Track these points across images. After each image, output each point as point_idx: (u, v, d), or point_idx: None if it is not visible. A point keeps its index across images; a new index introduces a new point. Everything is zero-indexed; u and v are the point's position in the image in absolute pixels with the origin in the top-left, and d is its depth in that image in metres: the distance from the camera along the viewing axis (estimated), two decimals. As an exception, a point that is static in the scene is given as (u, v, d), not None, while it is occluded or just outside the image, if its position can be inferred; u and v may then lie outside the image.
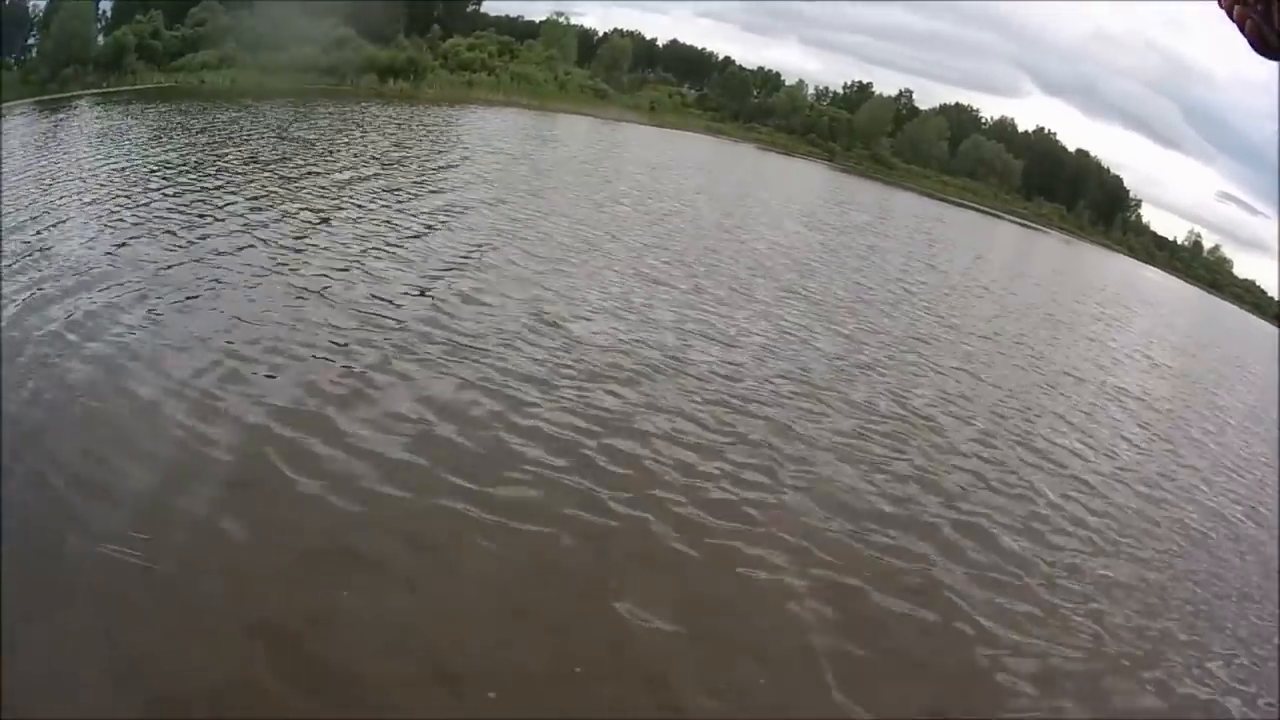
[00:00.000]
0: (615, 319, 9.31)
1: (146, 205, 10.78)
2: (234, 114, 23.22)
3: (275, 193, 12.48)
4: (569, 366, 7.51)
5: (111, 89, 31.53)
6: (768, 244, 16.78)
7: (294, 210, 11.58)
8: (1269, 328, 57.68)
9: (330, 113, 26.68)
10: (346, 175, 14.79)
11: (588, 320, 9.01)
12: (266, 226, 10.41)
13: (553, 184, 18.46)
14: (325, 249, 9.79)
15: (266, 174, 13.86)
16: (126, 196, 11.21)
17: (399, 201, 13.19)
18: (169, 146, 16.21)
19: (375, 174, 15.32)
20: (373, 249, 10.11)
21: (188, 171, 13.29)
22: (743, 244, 16.06)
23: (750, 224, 18.99)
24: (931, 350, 11.84)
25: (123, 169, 13.26)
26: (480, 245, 11.27)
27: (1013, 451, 8.38)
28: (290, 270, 8.76)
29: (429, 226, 11.88)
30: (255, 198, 11.99)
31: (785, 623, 4.75)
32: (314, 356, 6.67)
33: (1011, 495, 7.22)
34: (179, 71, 36.11)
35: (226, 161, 14.64)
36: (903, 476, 6.98)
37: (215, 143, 17.12)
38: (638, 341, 8.64)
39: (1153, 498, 8.39)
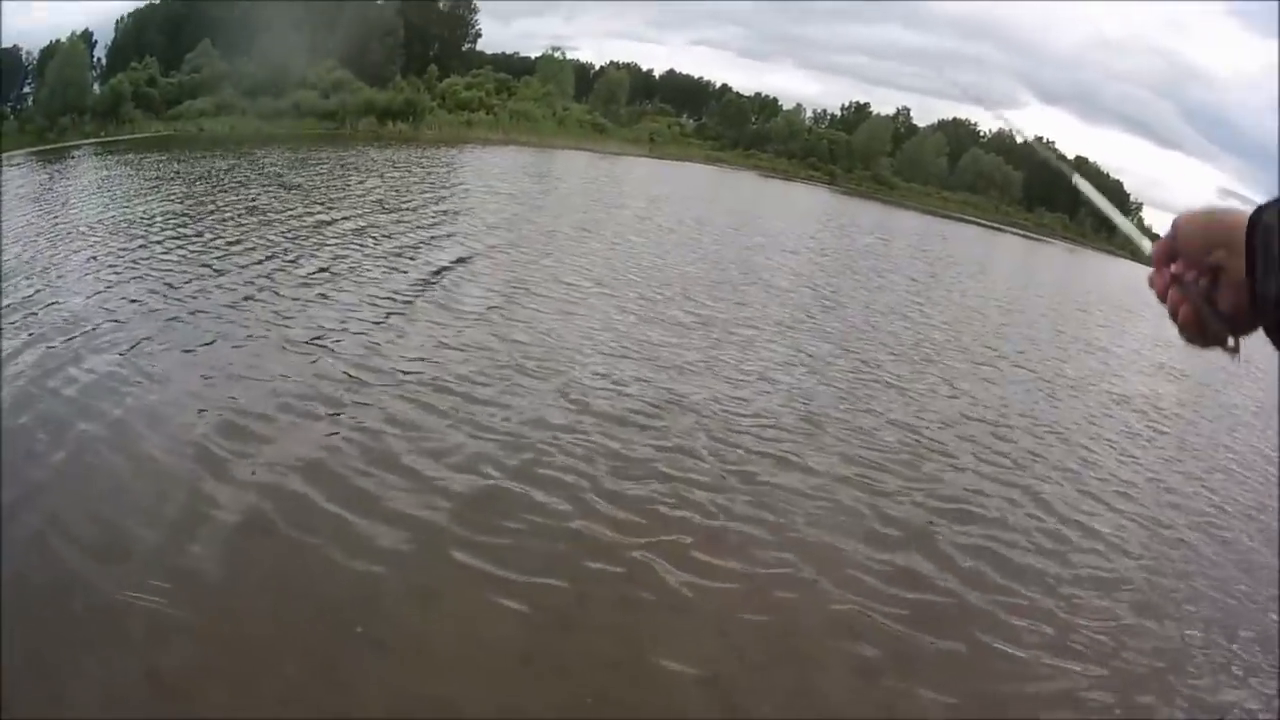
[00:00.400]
0: (619, 357, 9.20)
1: (144, 257, 10.77)
2: (232, 162, 23.23)
3: (272, 242, 12.45)
4: (572, 410, 7.35)
5: (110, 138, 31.58)
6: (769, 271, 16.77)
7: (291, 259, 11.51)
8: None
9: (328, 158, 26.39)
10: (344, 222, 14.77)
11: (591, 361, 8.88)
12: (263, 277, 10.34)
13: (551, 223, 18.42)
14: (322, 299, 9.72)
15: (263, 223, 13.88)
16: (123, 249, 11.22)
17: (395, 247, 13.22)
18: (167, 196, 16.30)
19: (372, 220, 15.33)
20: (369, 296, 10.08)
21: (185, 222, 13.38)
22: (743, 274, 16.01)
23: (751, 253, 18.86)
24: (936, 372, 11.73)
25: (119, 220, 13.31)
26: (479, 289, 11.29)
27: (1022, 471, 8.24)
28: (286, 321, 8.69)
29: (425, 272, 11.83)
30: (252, 248, 11.94)
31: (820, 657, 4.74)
32: (311, 409, 6.56)
33: (1025, 517, 7.12)
34: (177, 119, 36.27)
35: (223, 211, 14.72)
36: (918, 502, 6.88)
37: (212, 192, 17.13)
38: (642, 380, 8.53)
39: (1162, 507, 8.24)
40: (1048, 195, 69.44)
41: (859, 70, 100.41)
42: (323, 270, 11.09)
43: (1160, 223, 74.79)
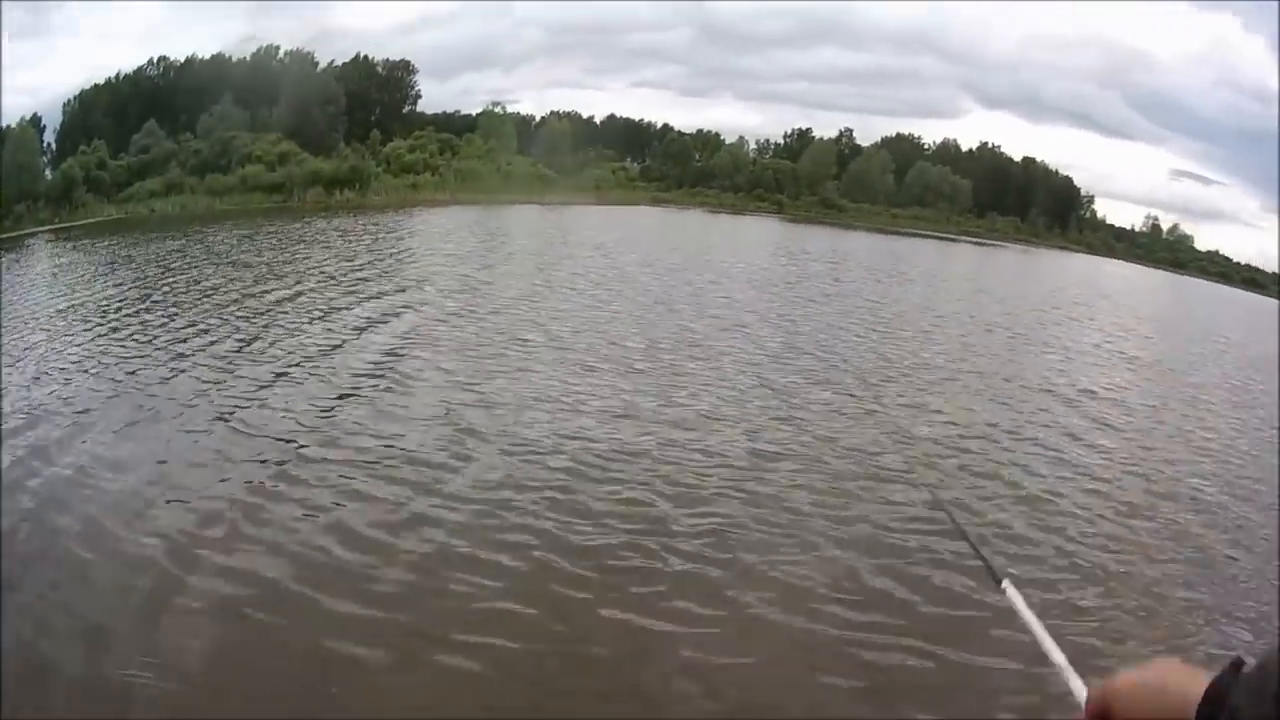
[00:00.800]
0: (565, 409, 9.67)
1: (98, 347, 11.37)
2: (181, 243, 23.83)
3: (222, 322, 13.05)
4: (526, 467, 7.78)
5: (64, 224, 32.19)
6: (718, 312, 17.15)
7: (241, 339, 12.08)
8: (1236, 293, 60.32)
9: (274, 232, 27.02)
10: (285, 295, 15.22)
11: (544, 418, 9.30)
12: (215, 359, 10.94)
13: (496, 279, 18.91)
14: (276, 378, 10.21)
15: (214, 304, 14.36)
16: (79, 337, 11.76)
17: (343, 321, 13.63)
18: (115, 282, 16.75)
19: (321, 294, 15.61)
20: (319, 372, 10.59)
21: (137, 308, 13.97)
22: (693, 315, 16.44)
23: (700, 295, 19.22)
24: (894, 390, 12.31)
25: (75, 309, 13.82)
26: (428, 356, 11.73)
27: (989, 485, 8.65)
28: (240, 403, 9.16)
29: (374, 346, 12.24)
30: (204, 330, 12.54)
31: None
32: (269, 490, 6.99)
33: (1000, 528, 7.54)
34: (128, 202, 37.20)
35: (167, 293, 15.33)
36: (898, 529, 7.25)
37: (163, 275, 17.71)
38: (595, 432, 8.94)
39: (1137, 506, 8.65)
40: (998, 201, 71.21)
41: (799, 96, 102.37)
42: (272, 347, 11.63)
43: (1113, 214, 75.38)
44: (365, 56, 51.92)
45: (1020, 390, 13.49)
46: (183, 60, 47.33)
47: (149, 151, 41.75)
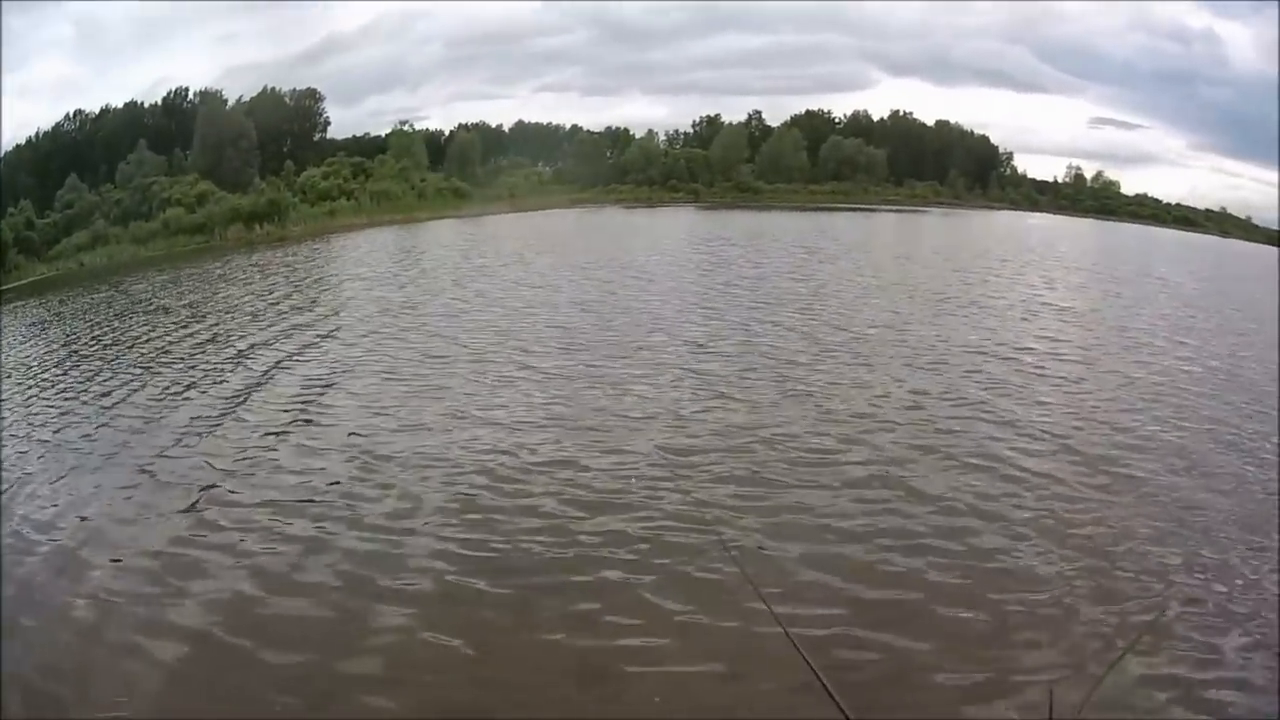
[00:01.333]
0: (482, 425, 9.95)
1: (20, 405, 11.89)
2: (106, 295, 24.14)
3: (134, 370, 13.43)
4: (427, 491, 8.03)
5: None
6: (640, 307, 17.84)
7: (150, 383, 12.49)
8: (1169, 233, 61.84)
9: (195, 273, 27.59)
10: (205, 337, 15.76)
11: (450, 434, 9.62)
12: (124, 403, 11.43)
13: (410, 299, 19.54)
14: (177, 419, 10.52)
15: (130, 352, 14.90)
16: (10, 398, 12.33)
17: (254, 353, 14.17)
18: (43, 342, 17.50)
19: (232, 330, 16.34)
20: (222, 408, 11.02)
21: (58, 365, 14.40)
22: (615, 312, 17.15)
23: (618, 292, 19.89)
24: (830, 366, 12.68)
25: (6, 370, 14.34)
26: (333, 383, 12.09)
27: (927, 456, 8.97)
28: (166, 455, 9.38)
29: (280, 375, 12.73)
30: (115, 376, 13.09)
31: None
32: (199, 539, 7.21)
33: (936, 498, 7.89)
34: (57, 259, 38.32)
35: (94, 348, 15.68)
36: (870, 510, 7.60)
37: (84, 331, 18.03)
38: (500, 444, 9.24)
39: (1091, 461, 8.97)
40: (915, 167, 73.91)
41: (705, 84, 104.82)
42: (190, 390, 12.01)
43: (1035, 168, 75.02)
44: (272, 89, 54.50)
45: (954, 353, 13.86)
46: (98, 112, 49.07)
47: (73, 206, 44.19)
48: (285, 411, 10.76)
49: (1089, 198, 76.56)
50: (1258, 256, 46.93)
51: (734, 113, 74.41)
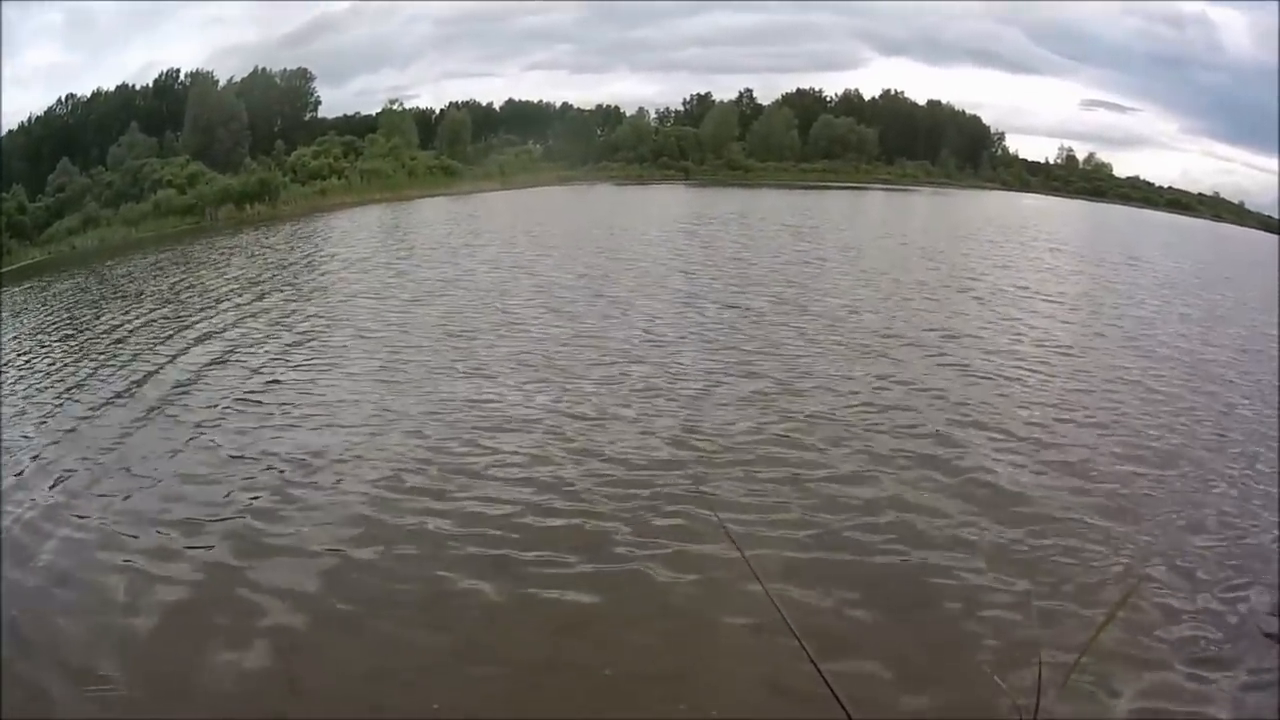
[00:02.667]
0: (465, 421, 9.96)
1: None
2: (81, 280, 24.10)
3: (117, 360, 13.45)
4: (393, 495, 7.96)
5: None
6: (632, 285, 18.21)
7: (114, 373, 12.55)
8: (1160, 216, 62.10)
9: (179, 255, 27.66)
10: (198, 333, 15.28)
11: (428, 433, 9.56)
12: (81, 396, 11.54)
13: (402, 279, 19.68)
14: (185, 444, 9.81)
15: (90, 342, 14.89)
16: None
17: (243, 337, 14.35)
18: (11, 331, 17.08)
19: (228, 322, 15.91)
20: (175, 402, 10.95)
21: (32, 356, 14.31)
22: (603, 293, 17.39)
23: (609, 272, 20.11)
24: (834, 353, 12.84)
25: None
26: (326, 361, 12.42)
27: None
28: (82, 443, 9.59)
29: (265, 353, 13.05)
30: (78, 367, 13.17)
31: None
32: (156, 543, 7.21)
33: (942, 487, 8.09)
34: (50, 243, 38.62)
35: (51, 339, 15.52)
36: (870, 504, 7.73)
37: (47, 323, 17.66)
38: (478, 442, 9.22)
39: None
40: (906, 146, 74.67)
41: (696, 62, 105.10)
42: (150, 379, 12.03)
43: (1026, 149, 75.10)
44: (263, 69, 55.07)
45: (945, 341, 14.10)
46: (89, 95, 49.48)
47: (65, 189, 44.51)
48: (249, 397, 11.07)
49: (1081, 179, 76.97)
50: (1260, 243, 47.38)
51: (725, 91, 75.64)
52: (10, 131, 47.77)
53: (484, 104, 66.80)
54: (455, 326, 14.75)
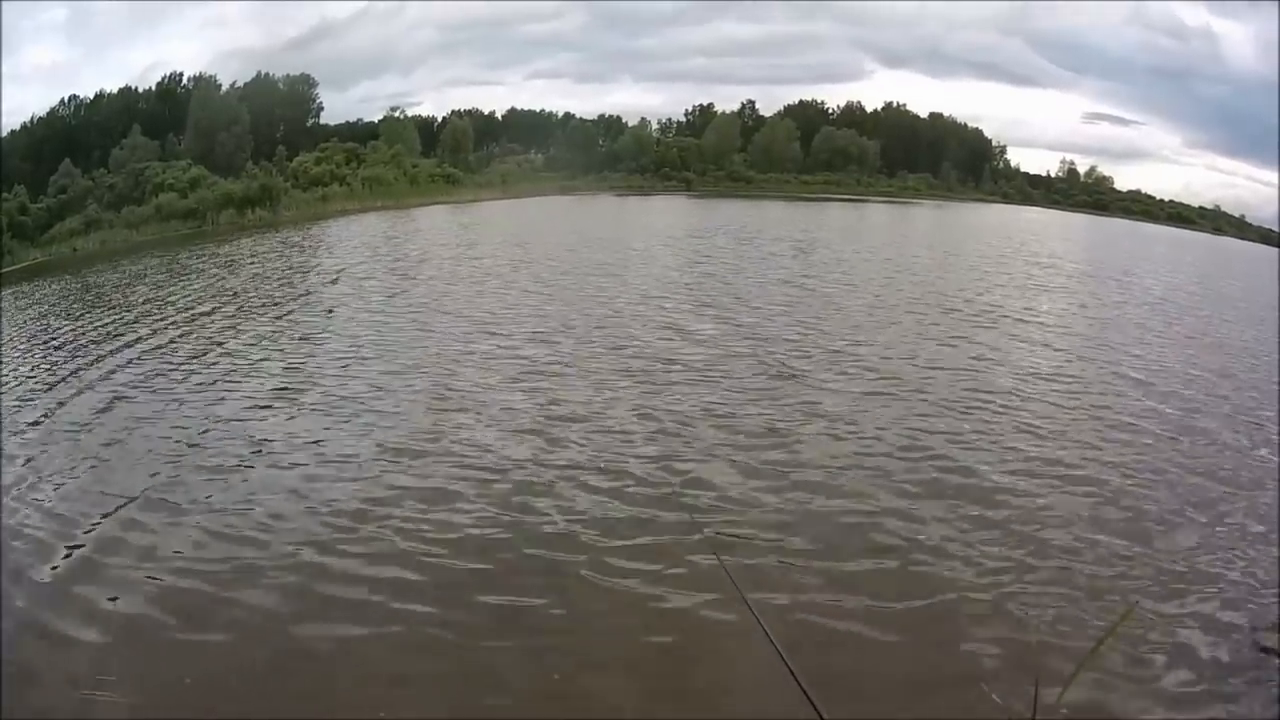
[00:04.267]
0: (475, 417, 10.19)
1: None
2: (68, 284, 23.96)
3: (73, 370, 13.21)
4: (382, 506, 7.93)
5: None
6: (631, 301, 17.99)
7: (92, 383, 12.36)
8: (1160, 229, 62.98)
9: (176, 261, 27.29)
10: (178, 328, 15.56)
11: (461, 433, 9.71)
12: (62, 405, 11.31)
13: (401, 289, 19.62)
14: (173, 457, 9.54)
15: (61, 355, 14.48)
16: None
17: (234, 346, 14.20)
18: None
19: (225, 335, 15.44)
20: (148, 421, 10.64)
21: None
22: (605, 312, 16.92)
23: (610, 286, 19.94)
24: (836, 385, 12.27)
25: None
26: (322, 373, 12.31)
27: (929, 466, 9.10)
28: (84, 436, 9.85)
29: (262, 359, 13.08)
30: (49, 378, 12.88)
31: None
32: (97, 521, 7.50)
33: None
34: (51, 244, 38.67)
35: (33, 347, 15.29)
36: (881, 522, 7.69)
37: (32, 331, 17.20)
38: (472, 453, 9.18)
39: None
40: (908, 159, 75.19)
41: (698, 73, 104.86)
42: (120, 399, 11.50)
43: (1028, 161, 76.67)
44: (265, 74, 55.49)
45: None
46: (92, 97, 49.80)
47: (67, 191, 44.76)
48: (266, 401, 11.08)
49: (1083, 193, 77.57)
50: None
51: (727, 102, 76.08)
52: (12, 131, 48.24)
53: (486, 112, 67.63)
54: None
